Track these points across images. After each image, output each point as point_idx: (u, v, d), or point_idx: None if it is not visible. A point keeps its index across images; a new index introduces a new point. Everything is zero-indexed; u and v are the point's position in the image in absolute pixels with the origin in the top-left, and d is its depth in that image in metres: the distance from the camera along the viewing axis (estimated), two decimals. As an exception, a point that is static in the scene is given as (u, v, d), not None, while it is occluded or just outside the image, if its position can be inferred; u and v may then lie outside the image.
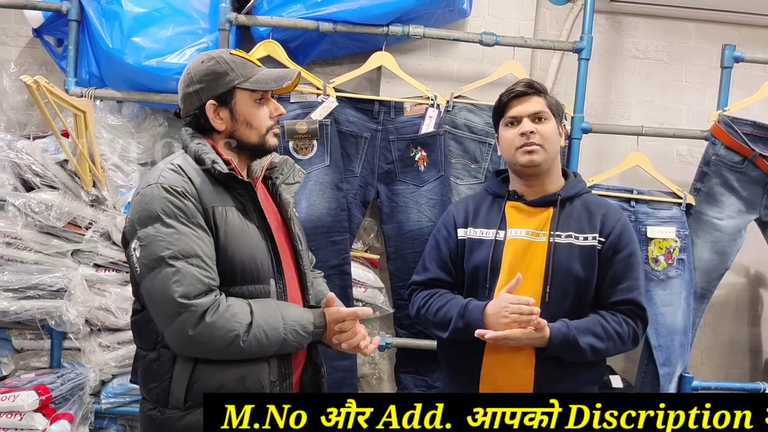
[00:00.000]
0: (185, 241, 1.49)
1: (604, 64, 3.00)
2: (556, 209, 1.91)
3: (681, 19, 3.01)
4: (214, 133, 1.65)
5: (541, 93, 1.92)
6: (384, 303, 2.72)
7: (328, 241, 2.56)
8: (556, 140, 1.91)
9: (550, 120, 1.90)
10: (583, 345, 1.78)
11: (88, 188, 2.48)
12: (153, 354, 1.57)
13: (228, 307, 1.51)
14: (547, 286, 1.84)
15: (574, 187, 1.96)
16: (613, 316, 1.85)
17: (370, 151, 2.65)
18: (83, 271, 2.51)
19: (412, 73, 2.66)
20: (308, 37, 2.63)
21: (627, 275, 1.87)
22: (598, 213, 1.91)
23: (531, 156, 1.87)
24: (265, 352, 1.55)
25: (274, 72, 1.67)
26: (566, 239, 1.88)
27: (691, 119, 3.02)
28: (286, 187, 1.79)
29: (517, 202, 1.95)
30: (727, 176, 2.66)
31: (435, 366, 2.66)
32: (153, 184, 1.53)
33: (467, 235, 1.97)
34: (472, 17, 2.77)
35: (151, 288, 1.50)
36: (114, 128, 2.58)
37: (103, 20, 2.49)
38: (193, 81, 1.62)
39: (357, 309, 1.68)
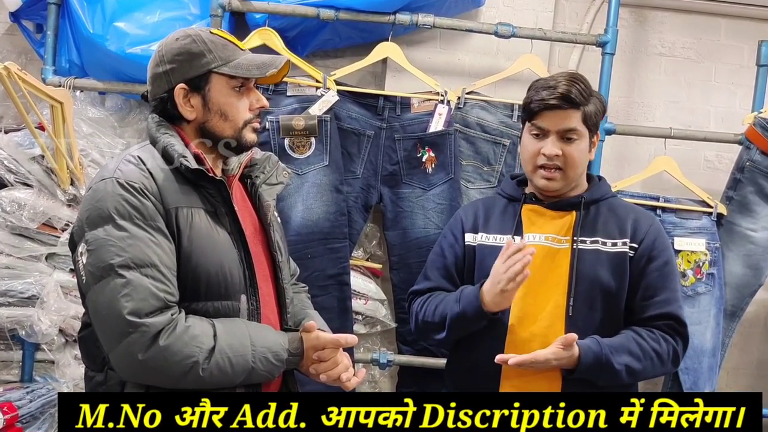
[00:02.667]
0: (140, 247, 1.30)
1: (627, 61, 2.84)
2: (580, 213, 1.74)
3: (711, 14, 2.85)
4: (183, 122, 1.45)
5: (578, 106, 1.69)
6: (386, 317, 2.56)
7: (326, 248, 2.40)
8: (582, 162, 1.75)
9: (581, 139, 1.71)
10: (617, 365, 1.62)
11: (65, 186, 2.33)
12: (100, 376, 1.38)
13: (187, 328, 1.31)
14: (570, 297, 1.68)
15: (599, 190, 1.81)
16: (649, 332, 1.68)
17: (373, 150, 2.49)
18: (58, 277, 2.35)
19: (420, 66, 2.50)
20: (308, 26, 2.46)
21: (664, 286, 1.70)
22: (628, 217, 1.76)
23: (549, 183, 1.73)
24: (230, 382, 1.35)
25: (259, 57, 1.47)
26: (592, 245, 1.72)
27: (719, 122, 2.86)
28: (268, 187, 1.59)
29: (534, 205, 1.79)
30: (762, 184, 2.50)
31: (440, 385, 2.50)
32: (107, 179, 1.34)
33: (477, 241, 1.81)
34: (487, 7, 2.61)
35: (96, 301, 1.31)
36: (95, 121, 2.43)
37: (84, 3, 2.34)
38: (163, 60, 1.43)
39: (339, 336, 1.48)
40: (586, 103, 1.71)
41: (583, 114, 1.70)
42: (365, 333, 2.57)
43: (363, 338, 2.60)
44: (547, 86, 1.71)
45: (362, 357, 2.49)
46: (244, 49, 1.48)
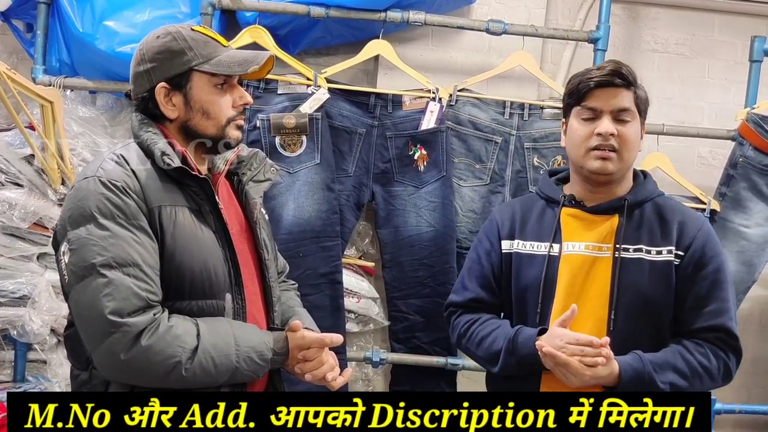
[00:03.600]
0: (122, 246, 1.28)
1: (621, 57, 2.80)
2: (623, 217, 1.62)
3: (704, 10, 2.85)
4: (166, 121, 1.44)
5: (630, 86, 1.60)
6: (379, 315, 2.55)
7: (318, 246, 2.39)
8: (636, 146, 1.63)
9: (634, 121, 1.60)
10: (661, 384, 1.52)
11: (55, 186, 2.32)
12: (85, 375, 1.37)
13: (169, 328, 1.30)
14: (612, 311, 1.57)
15: (644, 189, 1.67)
16: (698, 346, 1.57)
17: (365, 148, 2.47)
18: (49, 277, 2.34)
19: (412, 64, 2.48)
20: (299, 24, 2.44)
21: (714, 296, 1.58)
22: (673, 220, 1.63)
23: (604, 163, 1.59)
24: (213, 381, 1.34)
25: (240, 54, 1.45)
26: (635, 254, 1.60)
27: (713, 118, 2.85)
28: (255, 185, 1.57)
29: (575, 209, 1.67)
30: (755, 180, 2.49)
31: (433, 383, 2.52)
32: (90, 177, 1.33)
33: (513, 249, 1.71)
34: (478, 4, 2.60)
35: (79, 301, 1.30)
36: (86, 121, 2.41)
37: (74, 2, 2.32)
38: (144, 59, 1.41)
39: (325, 336, 1.46)
40: (637, 86, 1.62)
41: (635, 95, 1.61)
42: (358, 331, 2.56)
43: (356, 336, 2.59)
44: (595, 68, 1.63)
45: (355, 355, 2.48)
46: (226, 46, 1.46)
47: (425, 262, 2.45)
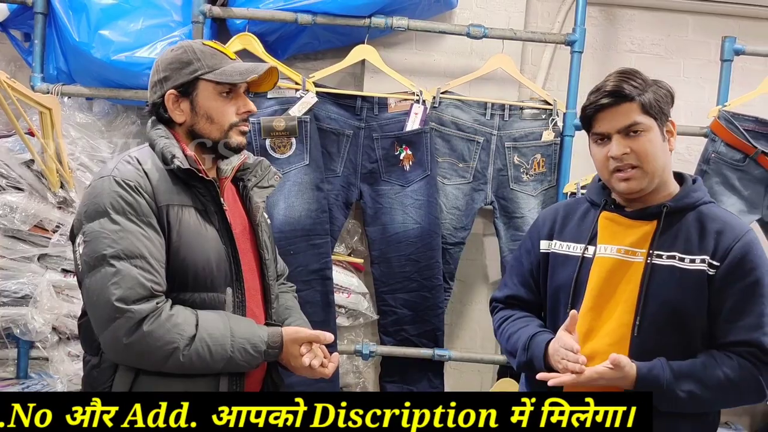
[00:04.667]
0: (131, 240, 1.40)
1: (599, 58, 2.89)
2: (660, 223, 1.57)
3: (678, 12, 2.90)
4: (176, 125, 1.55)
5: (632, 98, 1.53)
6: (368, 309, 2.62)
7: (309, 244, 2.46)
8: (659, 153, 1.55)
9: (648, 131, 1.54)
10: (680, 393, 1.48)
11: (55, 189, 2.38)
12: (95, 360, 1.47)
13: (170, 316, 1.41)
14: (637, 317, 1.53)
15: (688, 195, 1.60)
16: (728, 359, 1.51)
17: (352, 149, 2.55)
18: (50, 277, 2.40)
19: (396, 67, 2.57)
20: (287, 30, 2.53)
21: (749, 309, 1.51)
22: (712, 229, 1.55)
23: (628, 184, 1.55)
24: (209, 368, 1.44)
25: (243, 65, 1.56)
26: (668, 261, 1.54)
27: (689, 116, 2.90)
28: (259, 190, 1.68)
29: (614, 213, 1.63)
30: (727, 175, 2.56)
31: (420, 374, 2.59)
32: (105, 177, 1.44)
33: (551, 249, 1.70)
34: (460, 9, 2.67)
35: (89, 288, 1.41)
36: (83, 126, 2.47)
37: (70, 12, 2.38)
38: (158, 69, 1.55)
39: (319, 333, 1.55)
40: (642, 93, 1.54)
41: (640, 105, 1.53)
42: (348, 325, 2.63)
43: (346, 330, 2.66)
44: (596, 89, 1.59)
45: (345, 349, 2.55)
46: (234, 59, 1.57)
47: (412, 258, 2.52)
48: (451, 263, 2.58)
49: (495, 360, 2.62)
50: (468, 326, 2.78)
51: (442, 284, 2.55)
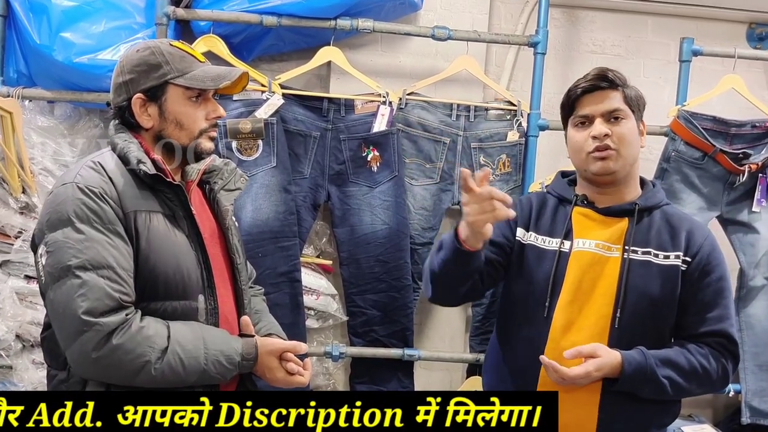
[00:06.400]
0: (97, 249, 1.34)
1: (561, 59, 2.93)
2: (633, 220, 1.66)
3: (638, 13, 2.95)
4: (142, 130, 1.50)
5: (618, 86, 1.65)
6: (337, 311, 2.62)
7: (277, 246, 2.45)
8: (634, 142, 1.66)
9: (628, 119, 1.65)
10: (662, 378, 1.56)
11: (17, 195, 2.35)
12: (63, 374, 1.43)
13: (141, 328, 1.36)
14: (618, 309, 1.61)
15: (654, 196, 1.71)
16: (699, 348, 1.62)
17: (319, 151, 2.55)
18: (13, 284, 2.37)
19: (362, 69, 2.57)
20: (252, 32, 2.51)
21: (717, 302, 1.63)
22: (682, 228, 1.67)
23: (605, 163, 1.62)
24: (181, 382, 1.40)
25: (214, 69, 1.53)
26: (644, 256, 1.64)
27: (649, 115, 2.83)
28: (226, 193, 1.64)
29: (586, 209, 1.70)
30: (687, 173, 2.61)
31: (390, 374, 2.60)
32: (68, 183, 1.39)
33: (528, 240, 1.73)
34: (424, 11, 2.68)
35: (54, 300, 1.36)
36: (45, 130, 2.44)
37: (30, 14, 2.35)
38: (123, 70, 1.48)
39: (295, 344, 1.54)
40: (625, 86, 1.66)
41: (623, 94, 1.65)
42: (318, 327, 2.62)
43: (316, 332, 2.65)
44: (582, 77, 1.68)
45: (315, 350, 2.54)
46: (203, 61, 1.53)
47: (381, 259, 2.53)
48: (419, 263, 2.58)
49: (464, 359, 2.64)
50: (437, 326, 2.80)
51: (411, 284, 2.56)
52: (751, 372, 2.71)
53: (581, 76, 1.70)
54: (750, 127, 2.62)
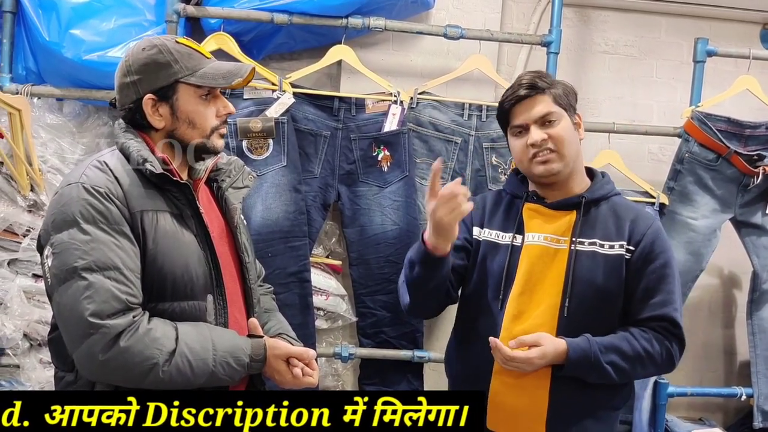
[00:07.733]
0: (103, 250, 1.32)
1: (573, 59, 2.92)
2: (579, 213, 1.71)
3: (651, 13, 2.94)
4: (152, 130, 1.48)
5: (544, 90, 1.70)
6: (347, 311, 2.60)
7: (286, 246, 2.43)
8: (572, 139, 1.71)
9: (561, 119, 1.69)
10: (605, 364, 1.62)
11: (25, 193, 2.33)
12: (70, 376, 1.41)
13: (148, 330, 1.33)
14: (566, 298, 1.66)
15: (601, 188, 1.76)
16: (643, 333, 1.67)
17: (330, 150, 2.52)
18: (21, 282, 2.35)
19: (373, 68, 2.55)
20: (263, 30, 2.49)
21: (660, 288, 1.68)
22: (626, 218, 1.72)
23: (547, 166, 1.69)
24: (190, 384, 1.37)
25: (224, 66, 1.50)
26: (590, 247, 1.69)
27: (662, 116, 2.95)
28: (234, 191, 1.61)
29: (536, 204, 1.76)
30: (701, 174, 2.60)
31: (400, 376, 2.58)
32: (73, 183, 1.36)
33: (482, 237, 1.79)
34: (436, 10, 2.66)
35: (60, 303, 1.33)
36: (53, 128, 2.42)
37: (40, 11, 2.33)
38: (130, 71, 1.44)
39: (303, 350, 1.52)
40: (552, 87, 1.71)
41: (552, 97, 1.70)
42: (327, 328, 2.61)
43: (325, 333, 2.64)
44: (510, 88, 1.74)
45: (324, 351, 2.53)
46: (209, 57, 1.50)
47: (390, 259, 2.51)
48: (429, 264, 2.57)
49: (474, 360, 2.62)
50: (446, 327, 2.76)
51: (421, 286, 2.54)
52: (764, 376, 2.70)
53: (509, 87, 1.74)
54: (765, 128, 2.61)
